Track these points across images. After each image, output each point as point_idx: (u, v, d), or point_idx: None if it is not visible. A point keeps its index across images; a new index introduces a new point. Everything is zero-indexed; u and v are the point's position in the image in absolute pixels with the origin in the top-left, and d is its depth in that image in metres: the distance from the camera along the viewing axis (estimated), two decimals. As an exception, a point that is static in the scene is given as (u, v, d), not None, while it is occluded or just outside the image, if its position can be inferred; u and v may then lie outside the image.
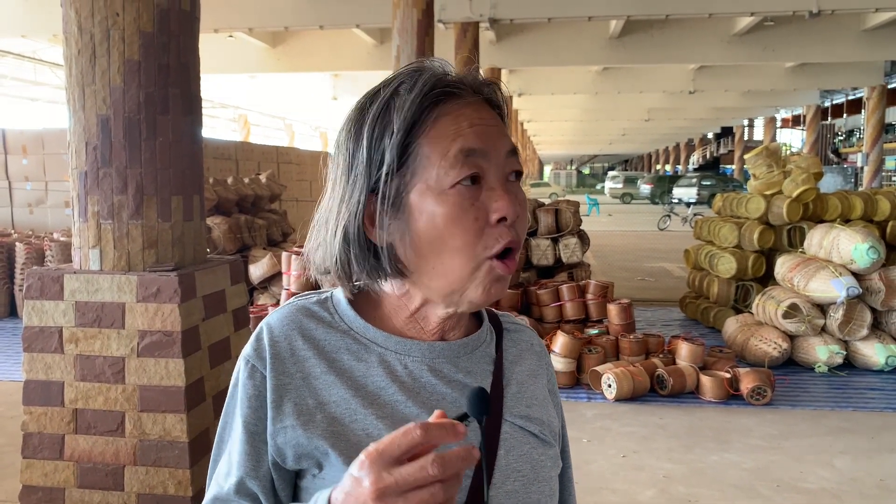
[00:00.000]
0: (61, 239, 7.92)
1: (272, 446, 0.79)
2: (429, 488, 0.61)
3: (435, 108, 0.78)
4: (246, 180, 8.70)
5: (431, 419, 0.64)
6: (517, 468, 0.82)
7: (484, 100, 0.82)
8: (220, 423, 0.85)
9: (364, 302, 0.87)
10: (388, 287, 0.85)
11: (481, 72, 0.87)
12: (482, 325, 0.91)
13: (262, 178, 9.27)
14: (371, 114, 0.80)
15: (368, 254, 0.81)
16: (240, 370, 0.83)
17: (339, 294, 0.87)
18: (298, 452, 0.78)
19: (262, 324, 0.85)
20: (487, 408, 0.68)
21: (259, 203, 8.71)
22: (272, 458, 0.79)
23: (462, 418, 0.66)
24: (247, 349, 0.83)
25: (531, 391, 0.90)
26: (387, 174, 0.78)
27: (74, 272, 2.76)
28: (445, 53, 11.72)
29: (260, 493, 0.80)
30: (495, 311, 0.97)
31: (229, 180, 8.32)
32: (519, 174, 0.81)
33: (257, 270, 7.12)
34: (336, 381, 0.80)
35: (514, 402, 0.87)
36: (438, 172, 0.77)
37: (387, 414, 0.79)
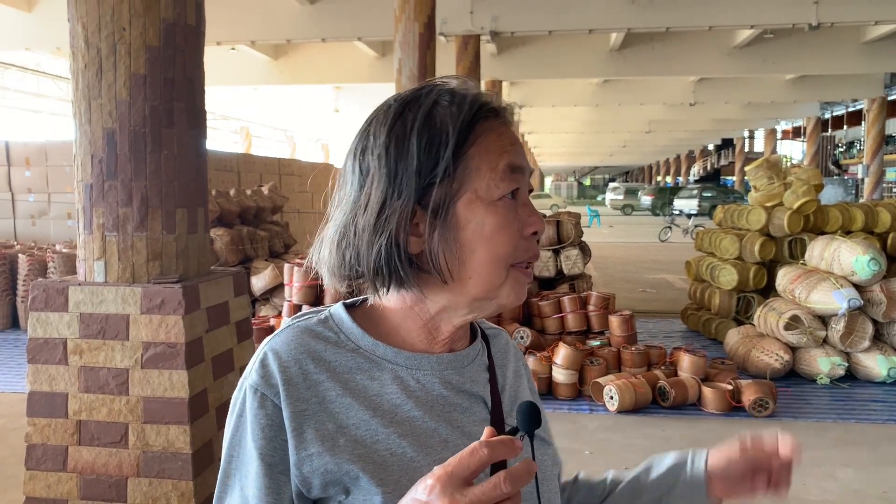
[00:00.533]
0: (64, 251, 7.94)
1: (297, 476, 0.77)
2: None
3: (482, 123, 0.82)
4: (248, 192, 8.74)
5: (483, 437, 0.65)
6: None
7: (512, 120, 0.88)
8: (224, 456, 0.81)
9: (365, 318, 0.86)
10: (393, 300, 0.85)
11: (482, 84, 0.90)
12: (477, 335, 0.93)
13: (265, 189, 9.30)
14: (416, 122, 0.80)
15: (409, 262, 0.81)
16: (246, 400, 0.79)
17: (340, 311, 0.86)
18: (326, 480, 0.76)
19: (265, 349, 0.81)
20: (538, 421, 0.71)
21: (261, 215, 8.74)
22: (296, 488, 0.77)
23: (513, 433, 0.68)
24: (252, 377, 0.79)
25: (518, 392, 0.93)
26: (439, 182, 0.79)
27: (79, 284, 2.78)
28: (447, 66, 11.78)
29: None
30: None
31: (231, 192, 8.35)
32: (531, 192, 0.87)
33: (259, 282, 7.13)
34: (353, 403, 0.79)
35: (510, 406, 0.89)
36: (489, 184, 0.80)
37: (407, 431, 0.79)
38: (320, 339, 0.82)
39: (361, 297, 0.89)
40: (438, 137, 0.79)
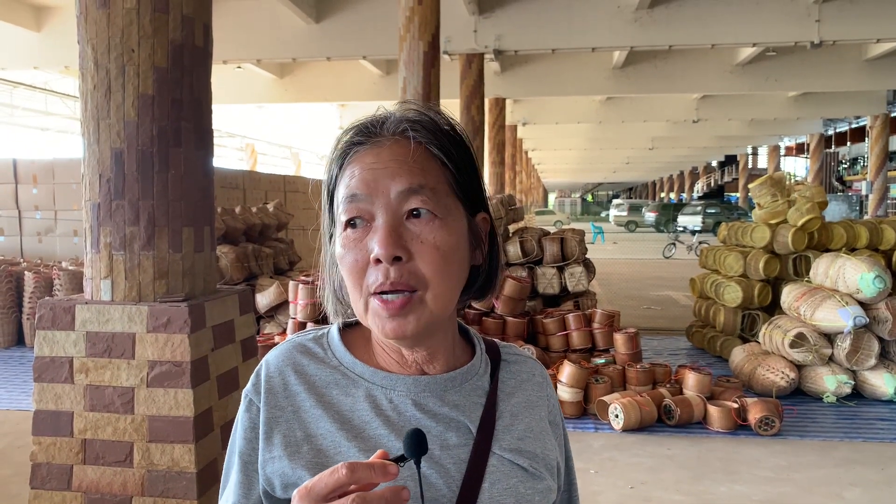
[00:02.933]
0: (70, 268, 7.97)
1: (262, 475, 0.83)
2: None
3: (353, 154, 0.84)
4: (253, 209, 8.77)
5: (372, 458, 0.68)
6: (500, 501, 0.83)
7: (401, 138, 0.83)
8: (226, 455, 0.90)
9: (359, 338, 0.91)
10: None
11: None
12: (474, 357, 0.92)
13: (270, 206, 9.34)
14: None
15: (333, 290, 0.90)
16: (241, 404, 0.88)
17: (333, 330, 0.92)
18: (285, 482, 0.81)
19: (263, 360, 0.90)
20: (424, 449, 0.70)
21: (266, 232, 8.77)
22: (262, 487, 0.84)
23: (400, 459, 0.69)
24: (248, 385, 0.88)
25: (526, 423, 0.90)
26: (324, 222, 0.89)
27: (86, 302, 2.79)
28: (451, 84, 11.86)
29: None
30: (497, 341, 0.98)
31: (237, 209, 8.38)
32: (421, 212, 0.80)
33: (264, 299, 7.14)
34: (323, 415, 0.84)
35: (504, 435, 0.87)
36: (339, 216, 0.83)
37: (370, 447, 0.81)
38: (308, 354, 0.89)
39: None
40: (323, 181, 0.88)
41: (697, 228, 27.92)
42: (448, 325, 0.88)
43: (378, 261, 0.78)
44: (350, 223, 0.81)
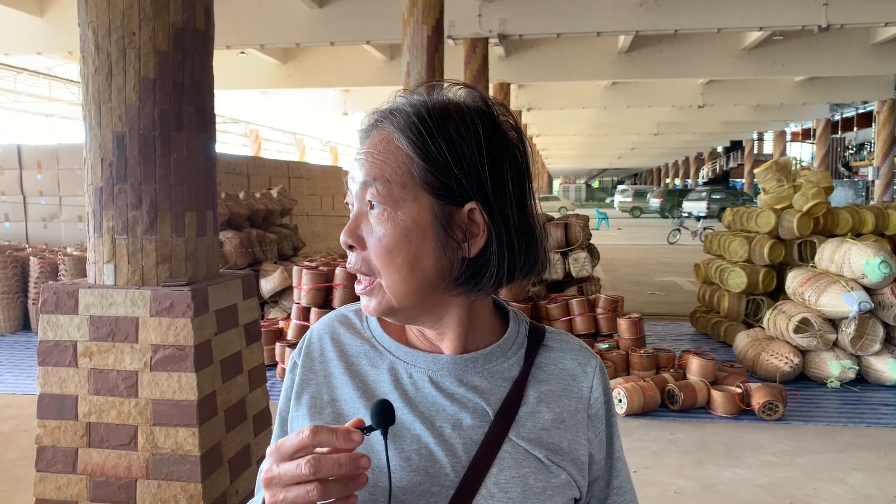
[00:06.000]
0: (75, 253, 7.99)
1: (289, 431, 0.90)
2: (304, 486, 0.68)
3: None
4: (257, 195, 8.77)
5: (348, 425, 0.71)
6: (505, 489, 0.81)
7: (379, 129, 0.84)
8: None
9: None
10: None
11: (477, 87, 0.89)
12: (501, 339, 0.89)
13: (274, 192, 9.33)
14: None
15: None
16: (288, 365, 0.96)
17: None
18: None
19: (311, 327, 0.97)
20: (391, 419, 0.73)
21: (270, 217, 8.77)
22: None
23: (369, 430, 0.72)
24: (295, 349, 0.96)
25: (556, 413, 0.87)
26: None
27: (89, 287, 2.80)
28: (455, 69, 11.80)
29: None
30: (547, 327, 0.96)
31: (241, 195, 8.38)
32: (374, 203, 0.82)
33: (268, 284, 7.15)
34: (349, 382, 0.88)
35: (525, 422, 0.85)
36: None
37: None
38: (346, 324, 0.94)
39: None
40: None
41: (702, 214, 27.85)
42: (452, 307, 0.85)
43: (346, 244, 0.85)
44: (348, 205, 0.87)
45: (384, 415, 0.72)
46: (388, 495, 0.77)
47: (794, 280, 6.03)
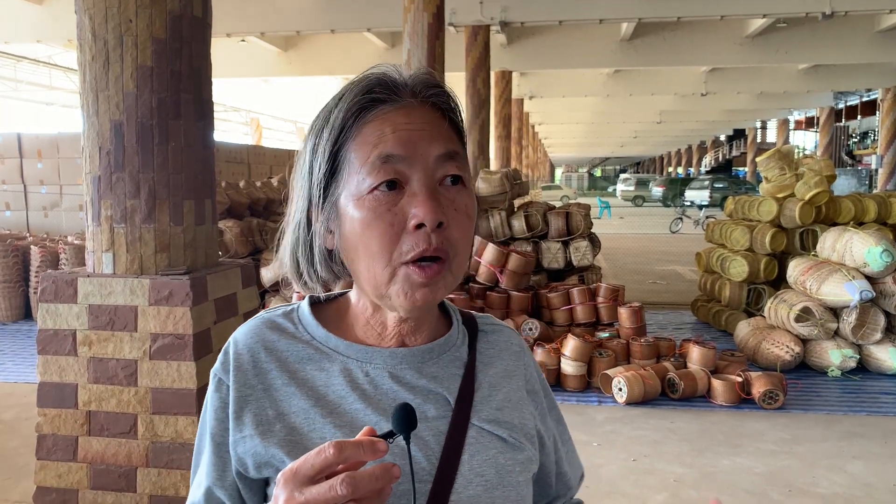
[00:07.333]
0: (75, 242, 7.99)
1: (234, 456, 0.81)
2: None
3: (362, 114, 0.79)
4: (258, 184, 8.76)
5: (358, 436, 0.65)
6: (480, 472, 0.81)
7: (424, 103, 0.81)
8: (196, 436, 0.87)
9: (332, 311, 0.89)
10: (353, 295, 0.88)
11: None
12: (451, 328, 0.90)
13: (274, 181, 9.32)
14: (316, 123, 0.83)
15: (313, 257, 0.84)
16: (210, 383, 0.85)
17: (304, 304, 0.89)
18: (258, 461, 0.79)
19: (231, 338, 0.87)
20: (413, 423, 0.68)
21: (271, 206, 8.76)
22: (235, 468, 0.81)
23: (389, 435, 0.66)
24: (216, 363, 0.85)
25: (504, 393, 0.89)
26: (318, 181, 0.81)
27: (88, 276, 2.79)
28: (456, 57, 11.75)
29: (227, 501, 0.82)
30: (473, 312, 0.96)
31: (241, 184, 8.37)
32: (456, 178, 0.80)
33: (268, 273, 7.15)
34: (296, 392, 0.81)
35: (483, 406, 0.85)
36: (358, 178, 0.77)
37: (346, 423, 0.79)
38: (277, 329, 0.86)
39: (338, 291, 0.91)
40: (323, 136, 0.81)
41: (705, 203, 27.80)
42: None
43: (418, 227, 0.76)
44: (383, 185, 0.76)
45: (407, 419, 0.67)
46: (413, 501, 0.75)
47: (795, 269, 6.01)
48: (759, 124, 38.23)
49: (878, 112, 23.48)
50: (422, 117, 0.79)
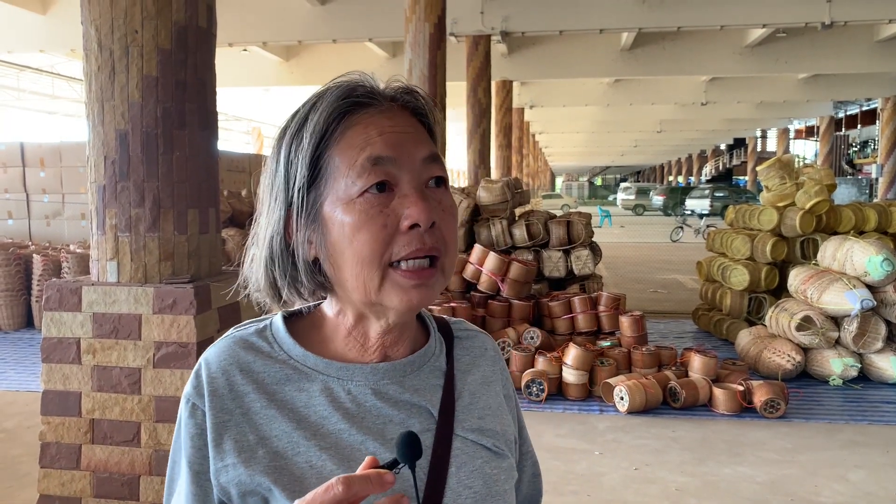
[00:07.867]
0: (78, 251, 8.00)
1: (216, 486, 0.77)
2: None
3: (345, 118, 0.78)
4: (259, 192, 8.77)
5: (360, 469, 0.64)
6: (469, 484, 0.80)
7: (403, 107, 0.81)
8: (168, 464, 0.83)
9: (306, 326, 0.85)
10: (328, 309, 0.84)
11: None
12: (430, 338, 0.88)
13: (276, 190, 9.34)
14: (288, 131, 0.80)
15: (294, 270, 0.81)
16: (182, 408, 0.80)
17: (277, 320, 0.85)
18: (242, 490, 0.76)
19: (201, 359, 0.82)
20: (418, 452, 0.67)
21: (272, 215, 8.79)
22: (217, 498, 0.78)
23: (392, 465, 0.65)
24: (187, 387, 0.80)
25: (484, 401, 0.87)
26: (299, 188, 0.78)
27: (92, 284, 2.81)
28: (457, 66, 11.80)
29: None
30: (446, 317, 0.94)
31: (243, 192, 8.40)
32: (441, 180, 0.80)
33: (270, 282, 7.17)
34: (277, 415, 0.78)
35: (465, 415, 0.84)
36: (346, 182, 0.76)
37: (330, 444, 0.77)
38: (252, 349, 0.82)
39: (312, 304, 0.87)
40: (301, 142, 0.78)
41: (705, 212, 27.84)
42: None
43: (411, 227, 0.75)
44: (374, 187, 0.76)
45: (412, 447, 0.66)
46: None
47: (796, 278, 6.02)
48: (759, 133, 38.32)
49: (877, 121, 23.53)
50: (404, 120, 0.80)
